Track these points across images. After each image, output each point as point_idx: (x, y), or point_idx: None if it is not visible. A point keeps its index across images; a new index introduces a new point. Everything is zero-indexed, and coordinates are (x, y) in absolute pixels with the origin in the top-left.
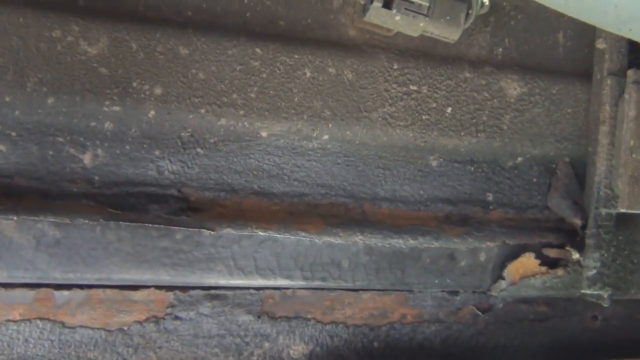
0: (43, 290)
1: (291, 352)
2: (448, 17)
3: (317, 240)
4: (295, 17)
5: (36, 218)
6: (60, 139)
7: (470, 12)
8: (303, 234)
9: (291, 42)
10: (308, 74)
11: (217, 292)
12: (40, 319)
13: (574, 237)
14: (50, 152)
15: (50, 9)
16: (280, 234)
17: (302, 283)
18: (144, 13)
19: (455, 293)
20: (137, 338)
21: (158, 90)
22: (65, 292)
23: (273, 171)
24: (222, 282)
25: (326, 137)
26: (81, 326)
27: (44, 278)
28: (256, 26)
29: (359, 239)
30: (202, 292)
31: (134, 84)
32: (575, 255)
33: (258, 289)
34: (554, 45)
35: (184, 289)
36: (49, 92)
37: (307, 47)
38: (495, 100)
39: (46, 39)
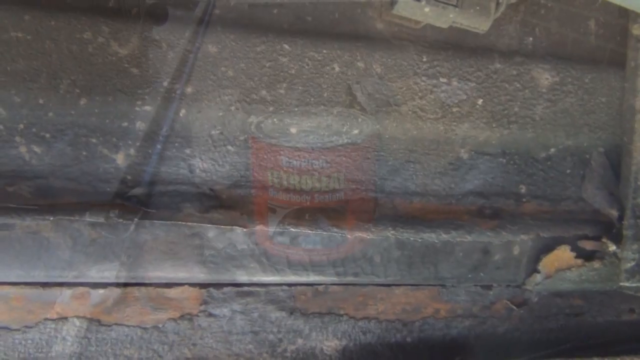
0: (80, 289)
1: (324, 348)
2: (478, 7)
3: (348, 236)
4: (322, 12)
5: (72, 218)
6: (93, 140)
7: (500, 1)
8: (335, 229)
9: (319, 37)
10: (337, 69)
11: (250, 289)
12: (77, 317)
13: (610, 229)
14: (84, 153)
15: (81, 11)
16: (312, 230)
17: (334, 279)
18: (173, 13)
19: (489, 287)
20: (171, 335)
21: (188, 89)
22: (102, 291)
23: (303, 167)
24: (255, 279)
25: (356, 131)
26: (117, 324)
27: (80, 277)
28: (284, 22)
29: (391, 234)
30: (235, 289)
31: (165, 84)
32: (612, 247)
33: (290, 285)
34: (585, 34)
35: (217, 286)
36: (82, 93)
37: (335, 42)
38: (526, 91)
39: (77, 41)
